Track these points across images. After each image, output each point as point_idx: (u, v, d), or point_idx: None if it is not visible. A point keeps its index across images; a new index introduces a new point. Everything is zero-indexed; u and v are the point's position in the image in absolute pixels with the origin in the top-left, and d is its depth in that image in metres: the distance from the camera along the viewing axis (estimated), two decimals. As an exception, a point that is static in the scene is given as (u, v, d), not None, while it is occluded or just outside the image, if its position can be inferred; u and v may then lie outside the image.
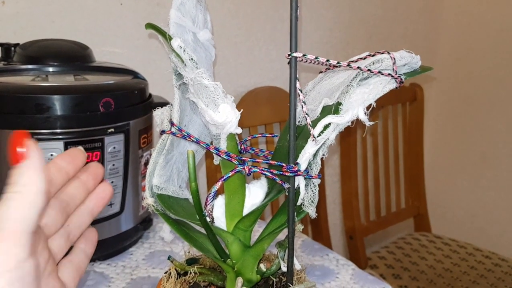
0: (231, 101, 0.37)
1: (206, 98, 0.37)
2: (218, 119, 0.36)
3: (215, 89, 0.36)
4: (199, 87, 0.37)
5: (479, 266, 1.32)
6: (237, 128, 0.37)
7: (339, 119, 0.36)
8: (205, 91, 0.36)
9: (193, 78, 0.36)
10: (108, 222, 0.68)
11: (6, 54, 0.75)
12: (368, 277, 0.70)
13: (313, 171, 0.38)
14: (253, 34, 1.18)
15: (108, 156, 0.65)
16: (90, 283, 0.65)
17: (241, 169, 0.38)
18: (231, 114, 0.36)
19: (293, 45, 0.34)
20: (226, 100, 0.37)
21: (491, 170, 1.66)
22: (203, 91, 0.36)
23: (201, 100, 0.37)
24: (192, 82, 0.37)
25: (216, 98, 0.36)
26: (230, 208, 0.40)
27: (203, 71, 0.36)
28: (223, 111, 0.36)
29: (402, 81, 0.38)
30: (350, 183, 1.38)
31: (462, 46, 1.68)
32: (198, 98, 0.37)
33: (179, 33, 0.40)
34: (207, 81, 0.36)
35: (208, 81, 0.36)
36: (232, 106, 0.37)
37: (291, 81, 0.35)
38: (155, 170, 0.40)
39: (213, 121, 0.36)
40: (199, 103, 0.37)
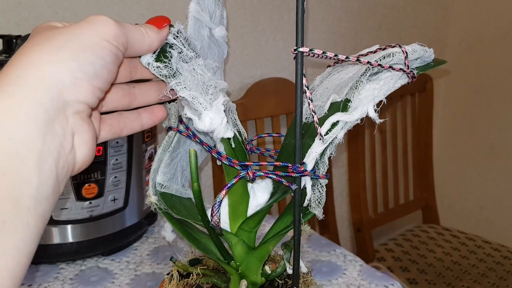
0: (219, 104, 0.35)
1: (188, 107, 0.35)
2: (202, 127, 0.34)
3: (193, 98, 0.34)
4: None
5: (488, 259, 1.30)
6: (226, 132, 0.35)
7: (348, 117, 0.35)
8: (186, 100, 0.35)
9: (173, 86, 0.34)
10: (112, 217, 0.68)
11: (7, 46, 0.73)
12: (376, 273, 0.69)
13: (320, 171, 0.36)
14: (259, 25, 1.16)
15: (111, 151, 0.64)
16: (94, 279, 0.64)
17: (245, 175, 0.36)
18: (216, 119, 0.34)
19: (299, 39, 0.33)
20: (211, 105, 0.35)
21: (500, 162, 1.63)
22: (185, 100, 0.35)
23: (187, 107, 0.36)
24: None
25: (197, 107, 0.34)
26: (234, 209, 0.38)
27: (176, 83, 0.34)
28: (205, 119, 0.34)
29: (414, 76, 0.37)
30: (358, 175, 1.37)
31: (472, 35, 1.65)
32: (186, 105, 0.36)
33: (196, 27, 0.38)
34: (183, 92, 0.34)
35: (183, 91, 0.34)
36: (218, 111, 0.35)
37: (297, 77, 0.33)
38: (160, 168, 0.39)
39: (199, 129, 0.35)
40: (186, 110, 0.36)
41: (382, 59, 0.36)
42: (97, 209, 0.65)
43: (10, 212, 0.23)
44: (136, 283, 0.64)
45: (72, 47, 0.28)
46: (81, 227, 0.65)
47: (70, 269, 0.67)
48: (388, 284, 0.67)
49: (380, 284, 0.66)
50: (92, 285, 0.63)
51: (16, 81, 0.26)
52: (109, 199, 0.66)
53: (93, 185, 0.64)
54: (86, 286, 0.63)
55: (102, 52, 0.29)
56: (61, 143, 0.27)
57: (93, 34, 0.29)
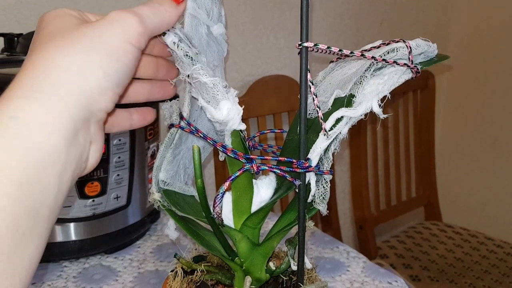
0: (233, 96, 0.35)
1: (206, 95, 0.35)
2: (219, 117, 0.34)
3: (214, 85, 0.34)
4: (199, 83, 0.35)
5: (491, 256, 1.30)
6: (240, 124, 0.35)
7: (352, 112, 0.34)
8: (205, 87, 0.35)
9: (190, 75, 0.34)
10: (115, 215, 0.67)
11: (9, 44, 0.73)
12: (380, 270, 0.69)
13: (325, 166, 0.36)
14: (260, 22, 1.15)
15: (114, 149, 0.64)
16: (97, 277, 0.64)
17: (249, 168, 0.36)
18: (232, 110, 0.34)
19: (304, 34, 0.32)
20: (227, 96, 0.35)
21: (502, 158, 1.63)
22: (203, 87, 0.35)
23: (201, 96, 0.35)
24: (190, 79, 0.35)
25: (216, 94, 0.34)
26: (238, 205, 0.38)
27: (200, 66, 0.34)
28: (223, 108, 0.34)
29: (418, 71, 0.36)
30: (360, 172, 1.37)
31: (474, 32, 1.64)
32: (199, 94, 0.36)
33: (194, 25, 0.38)
34: (205, 77, 0.34)
35: (206, 77, 0.34)
36: (234, 102, 0.35)
37: (302, 72, 0.33)
38: (162, 165, 0.39)
39: (215, 119, 0.35)
40: (199, 99, 0.36)
41: (386, 54, 0.36)
42: (100, 207, 0.65)
43: (30, 225, 0.24)
44: (139, 281, 0.64)
45: (99, 51, 0.27)
46: (84, 225, 0.65)
47: (73, 267, 0.67)
48: (391, 280, 0.67)
49: (383, 281, 0.66)
50: (96, 283, 0.63)
51: (46, 88, 0.26)
52: (112, 197, 0.66)
53: (96, 183, 0.64)
54: (89, 284, 0.63)
55: (125, 57, 0.29)
56: (81, 153, 0.27)
57: (116, 36, 0.29)
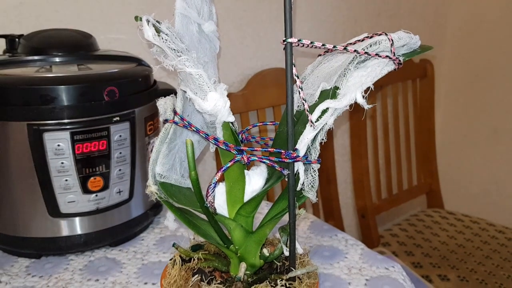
0: (222, 89, 0.37)
1: (193, 86, 0.36)
2: (206, 107, 0.36)
3: (199, 76, 0.36)
4: (185, 75, 0.37)
5: (492, 241, 1.32)
6: (229, 116, 0.37)
7: (337, 103, 0.36)
8: (191, 78, 0.36)
9: (175, 65, 0.36)
10: (118, 209, 0.69)
11: (10, 45, 0.75)
12: (377, 256, 0.71)
13: (312, 156, 0.38)
14: (258, 16, 1.17)
15: (115, 145, 0.66)
16: (103, 269, 0.66)
17: (240, 159, 0.38)
18: (220, 101, 0.36)
19: (288, 30, 0.34)
20: (215, 87, 0.36)
21: (503, 145, 1.64)
22: (189, 78, 0.36)
23: (189, 88, 0.37)
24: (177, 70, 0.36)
25: (202, 85, 0.36)
26: (231, 195, 0.40)
27: (186, 58, 0.36)
28: (211, 99, 0.36)
29: (400, 63, 0.38)
30: (361, 162, 1.38)
31: (472, 20, 1.64)
32: (187, 86, 0.37)
33: (184, 23, 0.39)
34: (190, 68, 0.35)
35: (191, 68, 0.35)
36: (222, 94, 0.36)
37: (287, 67, 0.35)
38: (158, 159, 0.41)
39: (203, 110, 0.36)
40: (188, 91, 0.37)
41: (369, 47, 0.37)
42: (103, 202, 0.67)
43: None
44: (143, 272, 0.66)
45: None
46: (88, 219, 0.67)
47: (79, 260, 0.69)
48: (388, 266, 0.68)
49: (381, 267, 0.68)
50: (101, 275, 0.65)
51: None
52: (115, 191, 0.68)
53: (99, 178, 0.65)
54: (95, 276, 0.65)
55: None
56: None
57: None
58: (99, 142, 0.64)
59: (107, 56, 0.75)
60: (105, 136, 0.65)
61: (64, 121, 0.62)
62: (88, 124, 0.63)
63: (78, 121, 0.63)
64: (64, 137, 0.62)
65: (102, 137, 0.65)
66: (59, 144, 0.62)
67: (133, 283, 0.63)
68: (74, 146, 0.63)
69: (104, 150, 0.65)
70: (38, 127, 0.61)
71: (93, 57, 0.73)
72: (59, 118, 0.62)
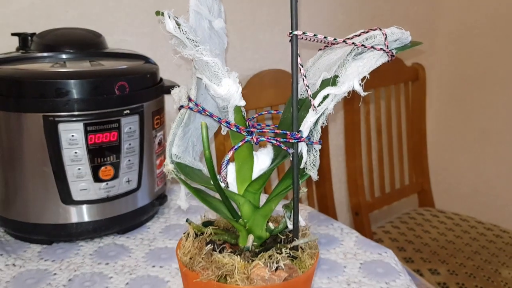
0: (234, 76, 0.41)
1: (209, 73, 0.41)
2: (221, 92, 0.40)
3: (215, 64, 0.40)
4: (202, 63, 0.41)
5: (481, 238, 1.36)
6: (241, 101, 0.41)
7: (337, 90, 0.40)
8: (207, 66, 0.40)
9: (193, 55, 0.40)
10: (125, 198, 0.73)
11: (23, 43, 0.79)
12: (371, 243, 0.75)
13: (314, 137, 0.42)
14: (257, 19, 1.21)
15: (125, 136, 0.70)
16: (112, 254, 0.70)
17: (250, 139, 0.42)
18: (233, 87, 0.40)
19: (294, 24, 0.38)
20: (228, 75, 0.41)
21: (491, 146, 1.69)
22: (205, 67, 0.41)
23: (205, 75, 0.41)
24: (194, 59, 0.41)
25: (217, 72, 0.40)
26: (241, 174, 0.44)
27: (203, 48, 0.40)
28: (225, 85, 0.40)
29: (393, 55, 0.42)
30: (355, 161, 1.43)
31: (462, 25, 1.70)
32: (203, 74, 0.42)
33: (197, 19, 0.44)
34: (207, 57, 0.40)
35: (208, 57, 0.40)
36: (234, 81, 0.41)
37: (293, 57, 0.39)
38: (174, 141, 0.45)
39: (217, 94, 0.41)
40: (203, 78, 0.41)
41: (365, 40, 0.42)
42: (113, 190, 0.71)
43: None
44: (151, 256, 0.70)
45: None
46: (98, 207, 0.71)
47: (88, 246, 0.72)
48: (381, 252, 0.73)
49: (374, 252, 0.72)
50: (111, 259, 0.69)
51: None
52: (124, 180, 0.72)
53: (109, 167, 0.69)
54: (105, 260, 0.69)
55: None
56: None
57: None
58: (110, 133, 0.68)
59: (116, 53, 0.79)
60: (116, 128, 0.69)
61: (77, 113, 0.66)
62: (100, 116, 0.67)
63: (90, 113, 0.67)
64: (78, 128, 0.66)
65: (113, 129, 0.69)
66: (73, 134, 0.66)
67: (142, 266, 0.67)
68: (87, 136, 0.67)
69: (115, 141, 0.69)
70: (53, 118, 0.65)
71: (103, 54, 0.77)
72: (73, 110, 0.66)
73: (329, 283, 0.64)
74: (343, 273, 0.66)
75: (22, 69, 0.68)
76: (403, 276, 0.67)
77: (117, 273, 0.65)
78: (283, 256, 0.41)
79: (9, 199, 0.70)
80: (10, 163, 0.68)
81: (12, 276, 0.64)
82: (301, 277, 0.41)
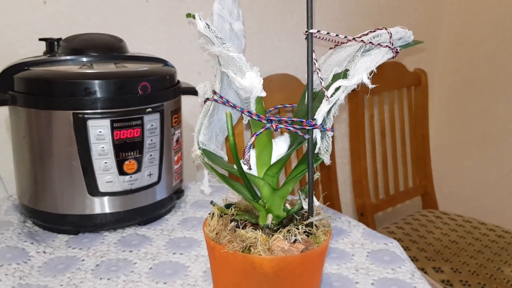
0: (256, 70, 0.46)
1: (234, 67, 0.46)
2: (245, 84, 0.45)
3: (240, 59, 0.45)
4: (227, 59, 0.46)
5: (483, 238, 1.40)
6: (262, 92, 0.46)
7: (347, 82, 0.45)
8: (233, 61, 0.46)
9: (220, 51, 0.45)
10: (146, 191, 0.78)
11: (50, 48, 0.85)
12: (377, 234, 0.80)
13: (327, 125, 0.47)
14: (265, 26, 1.27)
15: (147, 133, 0.75)
16: (135, 243, 0.75)
17: (270, 126, 0.47)
18: (255, 79, 0.45)
19: (309, 22, 0.44)
20: (251, 69, 0.46)
21: (493, 150, 1.74)
22: (231, 62, 0.46)
23: (230, 69, 0.46)
24: (221, 55, 0.46)
25: (242, 66, 0.45)
26: (261, 159, 0.49)
27: (230, 45, 0.45)
28: (249, 77, 0.45)
29: (397, 51, 0.47)
30: (360, 163, 1.47)
31: (463, 32, 1.76)
32: (228, 68, 0.47)
33: (220, 22, 0.49)
34: (233, 53, 0.45)
35: (233, 53, 0.45)
36: (257, 74, 0.46)
37: (308, 52, 0.44)
38: (201, 129, 0.50)
39: (241, 86, 0.46)
40: (229, 72, 0.47)
41: (372, 38, 0.47)
42: (136, 183, 0.76)
43: None
44: (171, 245, 0.74)
45: None
46: (121, 199, 0.76)
47: (112, 236, 0.77)
48: (387, 242, 0.77)
49: (380, 242, 0.77)
50: (134, 247, 0.74)
51: None
52: (146, 174, 0.77)
53: (133, 161, 0.74)
54: (129, 248, 0.73)
55: None
56: None
57: None
58: (134, 129, 0.74)
59: (137, 57, 0.84)
60: (139, 125, 0.74)
61: (104, 110, 0.71)
62: (125, 113, 0.73)
63: (116, 111, 0.72)
64: (105, 125, 0.71)
65: (137, 126, 0.74)
66: (100, 130, 0.71)
67: (163, 253, 0.72)
68: (113, 132, 0.72)
69: (138, 137, 0.74)
70: (83, 115, 0.70)
71: (125, 57, 0.83)
72: (100, 108, 0.71)
73: (338, 269, 0.69)
74: (351, 261, 0.71)
75: (53, 71, 0.74)
76: (408, 264, 0.71)
77: (140, 259, 0.70)
78: (300, 232, 0.46)
79: (38, 192, 0.75)
80: (40, 158, 0.74)
81: (44, 261, 0.69)
82: (316, 250, 0.46)
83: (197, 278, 0.65)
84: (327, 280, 0.65)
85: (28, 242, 0.73)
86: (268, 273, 0.44)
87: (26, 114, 0.73)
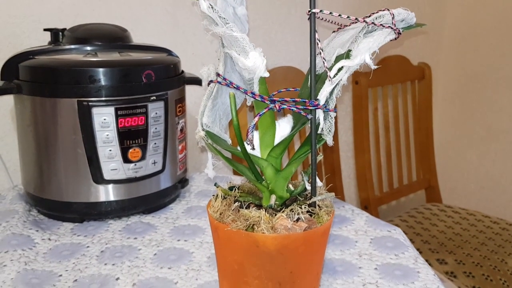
0: (259, 50, 0.47)
1: (237, 48, 0.46)
2: (248, 64, 0.46)
3: (243, 39, 0.46)
4: (231, 39, 0.46)
5: (487, 230, 1.40)
6: (265, 72, 0.47)
7: (350, 62, 0.46)
8: (236, 42, 0.46)
9: (224, 31, 0.46)
10: (151, 179, 0.79)
11: (55, 38, 0.85)
12: (381, 222, 0.80)
13: (330, 105, 0.47)
14: (269, 19, 1.27)
15: (151, 121, 0.76)
16: (139, 230, 0.75)
17: (273, 107, 0.47)
18: (258, 59, 0.46)
19: (312, 2, 0.44)
20: (254, 49, 0.46)
21: (497, 143, 1.73)
22: (234, 42, 0.46)
23: (234, 50, 0.47)
24: (224, 35, 0.46)
25: (245, 46, 0.46)
26: (264, 140, 0.50)
27: (233, 25, 0.46)
28: (252, 57, 0.46)
29: (400, 33, 0.48)
30: (364, 156, 1.48)
31: (467, 26, 1.75)
32: (231, 49, 0.47)
33: (224, 6, 0.49)
34: (236, 33, 0.45)
35: (237, 33, 0.45)
36: (260, 54, 0.46)
37: (311, 32, 0.44)
38: (205, 111, 0.50)
39: (245, 66, 0.46)
40: (232, 53, 0.47)
41: (375, 19, 0.47)
42: (140, 171, 0.76)
43: None
44: (175, 232, 0.75)
45: None
46: (126, 187, 0.76)
47: (117, 223, 0.78)
48: (390, 229, 0.78)
49: (383, 230, 0.77)
50: (139, 234, 0.74)
51: None
52: (150, 162, 0.77)
53: (137, 149, 0.75)
54: (133, 235, 0.74)
55: None
56: None
57: None
58: (139, 117, 0.74)
59: (141, 46, 0.85)
60: (143, 113, 0.74)
61: (108, 98, 0.72)
62: (129, 101, 0.73)
63: (121, 99, 0.73)
64: (109, 112, 0.72)
65: (141, 113, 0.74)
66: (105, 118, 0.72)
67: (167, 240, 0.72)
68: (117, 120, 0.72)
69: (142, 125, 0.75)
70: (87, 103, 0.71)
71: (130, 46, 0.83)
72: (105, 96, 0.72)
73: (341, 255, 0.69)
74: (354, 247, 0.71)
75: (58, 59, 0.75)
76: (412, 250, 0.72)
77: (145, 246, 0.70)
78: (303, 211, 0.46)
79: (43, 180, 0.76)
80: (45, 146, 0.74)
81: (49, 248, 0.70)
82: (319, 229, 0.46)
83: (201, 264, 0.65)
84: (330, 265, 0.66)
85: (33, 230, 0.74)
86: (271, 252, 0.45)
87: (31, 102, 0.74)
